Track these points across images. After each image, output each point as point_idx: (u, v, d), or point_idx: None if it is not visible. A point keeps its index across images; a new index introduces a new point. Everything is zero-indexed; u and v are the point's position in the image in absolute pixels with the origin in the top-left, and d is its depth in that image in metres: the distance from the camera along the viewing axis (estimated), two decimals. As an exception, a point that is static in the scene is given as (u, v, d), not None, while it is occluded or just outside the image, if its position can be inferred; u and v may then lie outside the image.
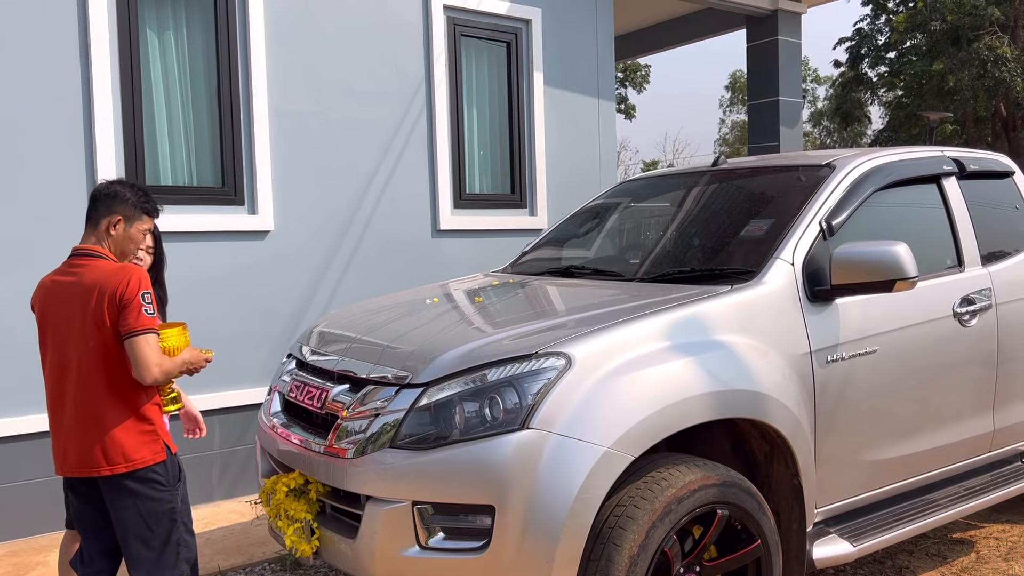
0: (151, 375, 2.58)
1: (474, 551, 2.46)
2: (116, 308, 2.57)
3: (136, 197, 2.78)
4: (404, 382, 2.67)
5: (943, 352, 3.43)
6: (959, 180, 3.76)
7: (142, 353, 2.57)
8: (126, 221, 2.76)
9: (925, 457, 3.42)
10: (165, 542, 2.67)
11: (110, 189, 2.76)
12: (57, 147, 4.43)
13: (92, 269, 2.65)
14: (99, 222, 2.73)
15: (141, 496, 2.63)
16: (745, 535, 2.78)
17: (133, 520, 2.63)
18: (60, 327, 2.65)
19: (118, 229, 2.75)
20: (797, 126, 8.41)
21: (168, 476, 2.69)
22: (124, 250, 2.79)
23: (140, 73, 4.74)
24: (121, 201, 2.75)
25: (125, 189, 2.77)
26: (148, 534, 2.64)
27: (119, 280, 2.59)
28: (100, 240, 2.73)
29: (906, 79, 23.18)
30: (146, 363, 2.57)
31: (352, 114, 5.49)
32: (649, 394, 2.60)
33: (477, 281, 4.08)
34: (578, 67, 6.67)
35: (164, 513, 2.67)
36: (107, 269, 2.65)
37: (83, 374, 2.60)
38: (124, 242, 2.78)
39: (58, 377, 2.66)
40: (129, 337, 2.57)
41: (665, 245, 3.77)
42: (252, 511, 4.71)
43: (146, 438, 2.65)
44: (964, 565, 3.85)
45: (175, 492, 2.71)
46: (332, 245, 5.43)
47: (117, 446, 2.59)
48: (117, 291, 2.57)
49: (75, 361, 2.61)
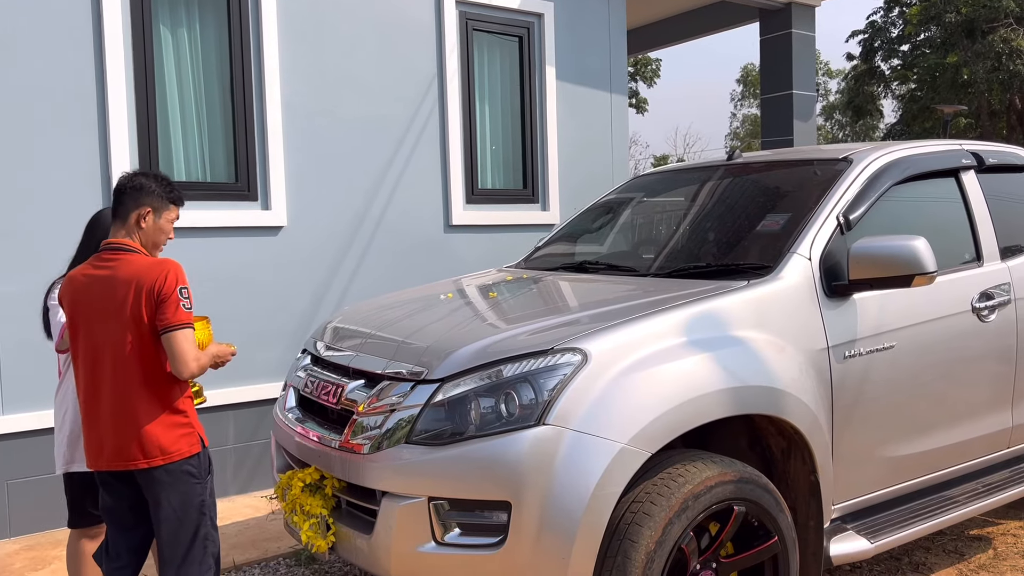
0: (189, 370, 2.59)
1: (490, 547, 2.45)
2: (154, 302, 2.56)
3: (162, 187, 2.77)
4: (419, 378, 2.67)
5: (961, 347, 3.40)
6: (978, 174, 3.72)
7: (180, 348, 2.57)
8: (155, 212, 2.74)
9: (943, 453, 3.39)
10: (194, 536, 2.67)
11: (135, 181, 2.74)
12: (72, 145, 4.45)
13: (126, 263, 2.63)
14: (128, 216, 2.71)
15: (175, 489, 2.64)
16: (762, 532, 2.76)
17: (166, 514, 2.64)
18: (94, 321, 2.63)
19: (148, 221, 2.73)
20: (811, 120, 8.35)
21: (200, 468, 2.70)
22: (155, 241, 2.78)
23: (154, 70, 4.75)
24: (148, 193, 2.73)
25: (150, 180, 2.75)
26: (179, 527, 2.65)
27: (157, 274, 2.59)
28: (131, 233, 2.72)
29: (920, 72, 23.02)
30: (184, 358, 2.57)
31: (364, 110, 5.49)
32: (665, 390, 2.58)
33: (491, 276, 4.07)
34: (590, 61, 6.65)
35: (195, 506, 2.67)
36: (144, 263, 2.64)
37: (119, 368, 2.59)
38: (155, 234, 2.76)
39: (91, 371, 2.64)
40: (167, 332, 2.56)
41: (680, 240, 3.75)
42: (267, 506, 4.72)
43: (182, 431, 2.66)
44: (982, 562, 3.82)
45: (205, 485, 2.72)
46: (345, 241, 5.43)
47: (153, 439, 2.59)
48: (155, 285, 2.57)
49: (110, 355, 2.60)
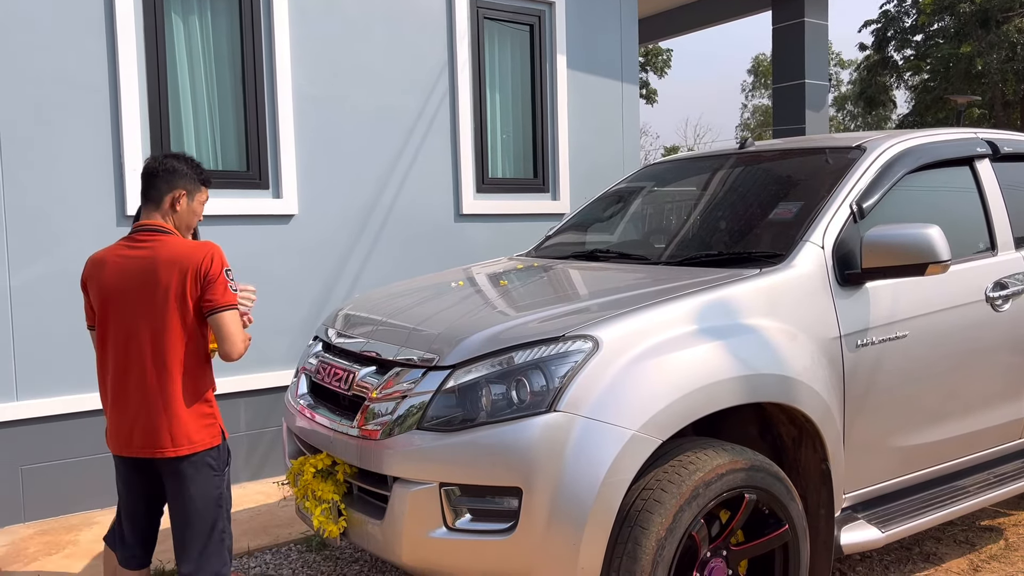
0: (237, 350, 2.61)
1: (501, 533, 2.46)
2: (200, 284, 2.57)
3: (194, 170, 2.78)
4: (431, 364, 2.68)
5: (975, 337, 3.38)
6: (993, 162, 3.69)
7: (229, 329, 2.59)
8: (189, 195, 2.75)
9: (955, 443, 3.38)
10: (212, 528, 2.66)
11: (168, 164, 2.73)
12: (84, 133, 4.46)
13: (165, 244, 2.62)
14: (162, 199, 2.71)
15: (196, 480, 2.63)
16: (773, 520, 2.76)
17: (185, 506, 2.63)
18: (130, 303, 2.59)
19: (182, 203, 2.74)
20: (823, 109, 8.30)
21: (220, 461, 2.70)
22: (188, 224, 2.79)
23: (166, 58, 4.75)
24: (181, 176, 2.73)
25: (182, 163, 2.76)
26: (197, 519, 2.64)
27: (202, 255, 2.59)
28: (165, 216, 2.72)
29: (933, 62, 22.86)
30: (234, 339, 2.60)
31: (375, 99, 5.48)
32: (677, 378, 2.58)
33: (501, 265, 4.07)
34: (601, 50, 6.62)
35: (212, 499, 2.66)
36: (186, 245, 2.64)
37: (157, 351, 2.57)
38: (188, 216, 2.77)
39: (124, 354, 2.61)
40: (216, 312, 2.58)
41: (691, 228, 3.74)
42: (278, 493, 4.75)
43: (207, 421, 2.66)
44: (993, 552, 3.81)
45: (223, 478, 2.71)
46: (356, 229, 5.44)
47: (183, 427, 2.59)
48: (201, 267, 2.57)
49: (148, 338, 2.57)
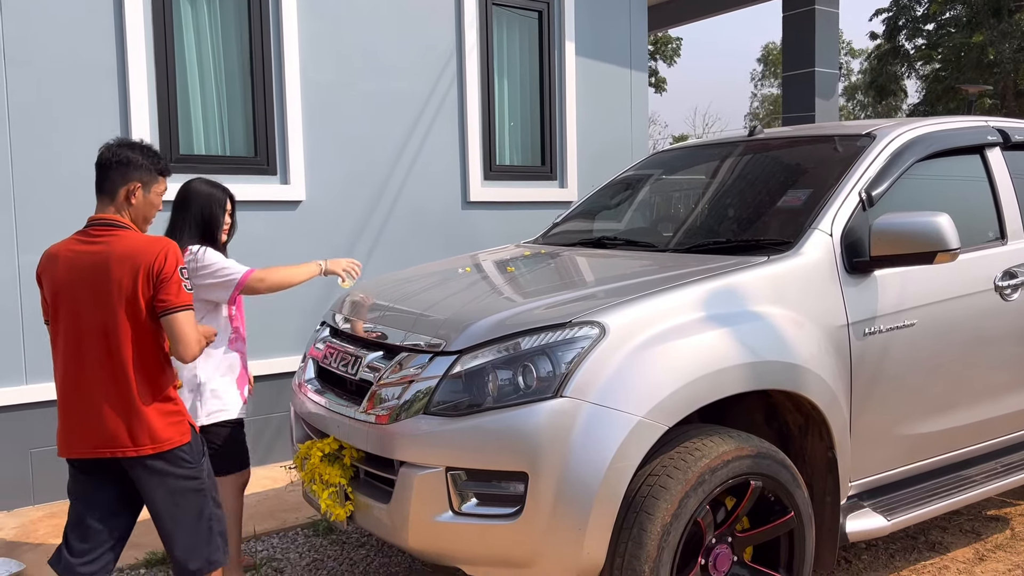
0: (191, 352, 2.51)
1: (507, 517, 2.47)
2: (152, 283, 2.46)
3: (149, 160, 2.63)
4: (437, 350, 2.68)
5: (983, 326, 3.37)
6: (1003, 151, 3.67)
7: (183, 330, 2.49)
8: (144, 187, 2.61)
9: (962, 432, 3.38)
10: (198, 518, 2.60)
11: (121, 155, 2.59)
12: (91, 118, 4.46)
13: (120, 239, 2.50)
14: (116, 191, 2.57)
15: (171, 476, 2.55)
16: (778, 507, 2.77)
17: (163, 500, 2.56)
18: (82, 300, 2.48)
19: (138, 196, 2.60)
20: (833, 98, 8.25)
21: (194, 454, 2.62)
22: (146, 216, 2.66)
23: (173, 44, 4.75)
24: (136, 167, 2.59)
25: (136, 153, 2.61)
26: (179, 512, 2.57)
27: (155, 253, 2.48)
28: (120, 210, 2.58)
29: (944, 51, 22.68)
30: (187, 340, 2.50)
31: (383, 85, 5.48)
32: (683, 364, 2.58)
33: (508, 252, 4.07)
34: (610, 37, 6.59)
35: (193, 490, 2.60)
36: (140, 241, 2.51)
37: (110, 350, 2.46)
38: (146, 208, 2.64)
39: (75, 351, 2.50)
40: (168, 313, 2.47)
41: (699, 216, 3.73)
42: (285, 477, 4.78)
43: (173, 419, 2.56)
44: (999, 542, 3.81)
45: (201, 468, 2.64)
46: (363, 215, 5.44)
47: (143, 426, 2.49)
48: (154, 265, 2.46)
49: (100, 336, 2.47)
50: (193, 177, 3.38)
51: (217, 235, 3.32)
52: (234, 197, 3.42)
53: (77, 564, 2.59)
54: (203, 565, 2.61)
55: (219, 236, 3.33)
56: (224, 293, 3.20)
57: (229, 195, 3.39)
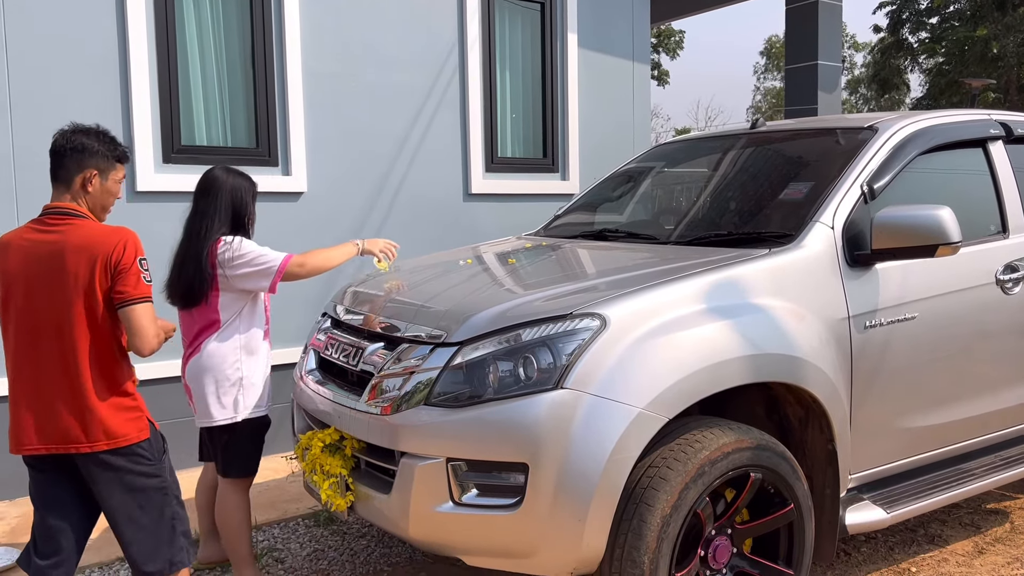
0: (150, 346, 2.42)
1: (507, 508, 2.48)
2: (110, 274, 2.37)
3: (106, 146, 2.53)
4: (438, 341, 2.68)
5: (984, 320, 3.37)
6: (1006, 144, 3.66)
7: (141, 323, 2.40)
8: (101, 174, 2.51)
9: (962, 426, 3.38)
10: (159, 517, 2.52)
11: (76, 141, 2.48)
12: (94, 109, 4.46)
13: (77, 229, 2.41)
14: (71, 179, 2.48)
15: (128, 473, 2.46)
16: (778, 499, 2.77)
17: (121, 500, 2.47)
18: (36, 291, 2.40)
19: (95, 184, 2.50)
20: (836, 91, 8.23)
21: (154, 451, 2.53)
22: (104, 204, 2.56)
23: (175, 34, 4.74)
24: (92, 154, 2.49)
25: (92, 139, 2.51)
26: (139, 512, 2.48)
27: (114, 243, 2.39)
28: (76, 198, 2.49)
29: (948, 45, 22.61)
30: (145, 333, 2.40)
31: (385, 76, 5.47)
32: (684, 356, 2.58)
33: (510, 244, 4.07)
34: (613, 29, 6.57)
35: (155, 489, 2.51)
36: (97, 231, 2.42)
37: (65, 343, 2.39)
38: (103, 197, 2.54)
39: (28, 343, 2.42)
40: (126, 305, 2.39)
41: (701, 208, 3.73)
42: (286, 468, 4.79)
43: (131, 415, 2.48)
44: (998, 535, 3.82)
45: (162, 466, 2.55)
46: (364, 207, 5.44)
47: (98, 422, 2.40)
48: (112, 255, 2.37)
49: (54, 328, 2.39)
50: (212, 166, 3.30)
51: (247, 224, 3.25)
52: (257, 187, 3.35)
53: (44, 566, 2.53)
54: (164, 566, 2.53)
55: (248, 226, 3.26)
56: (264, 281, 3.12)
57: (254, 185, 3.33)
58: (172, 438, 3.00)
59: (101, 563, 3.60)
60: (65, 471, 2.51)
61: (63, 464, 2.49)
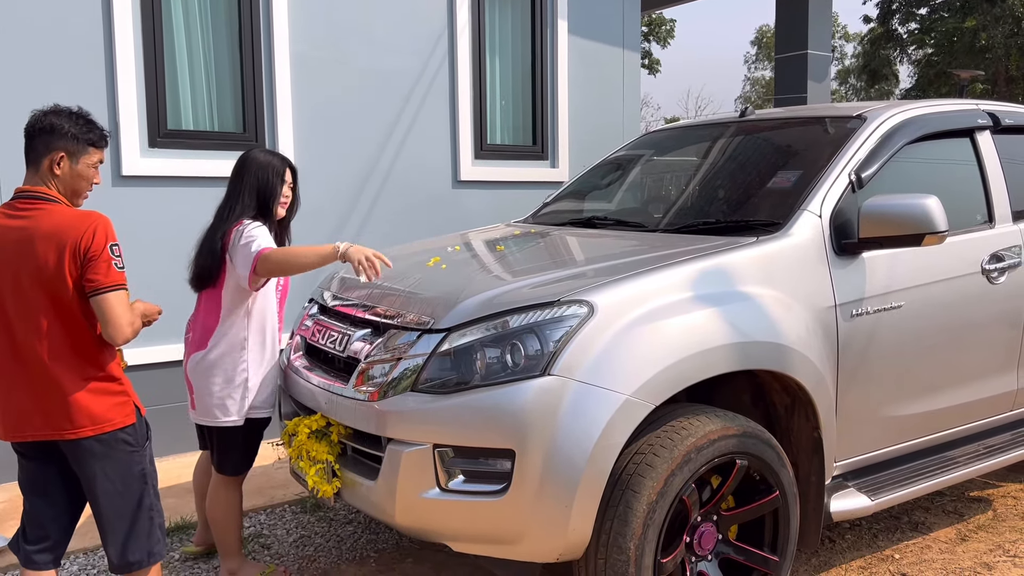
0: (123, 335, 2.36)
1: (494, 494, 2.48)
2: (80, 261, 2.31)
3: (77, 128, 2.44)
4: (426, 327, 2.68)
5: (970, 309, 3.38)
6: (993, 134, 3.67)
7: (113, 312, 2.33)
8: (70, 157, 2.43)
9: (947, 414, 3.40)
10: (138, 507, 2.48)
11: (46, 122, 2.41)
12: (79, 95, 4.41)
13: (47, 214, 2.35)
14: (39, 161, 2.40)
15: (111, 459, 2.43)
16: (763, 486, 2.79)
17: (103, 486, 2.44)
18: (4, 277, 2.35)
19: (63, 167, 2.42)
20: (825, 81, 8.24)
21: (138, 437, 2.50)
22: (75, 189, 2.48)
23: (162, 17, 4.69)
24: (60, 135, 2.40)
25: (63, 120, 2.42)
26: (119, 500, 2.46)
27: (83, 229, 2.32)
28: (45, 181, 2.41)
29: (937, 36, 22.67)
30: (118, 322, 2.34)
31: (374, 62, 5.43)
32: (671, 344, 2.59)
33: (498, 231, 4.06)
34: (603, 17, 6.55)
35: (135, 476, 2.48)
36: (66, 216, 2.35)
37: (38, 331, 2.34)
38: (73, 181, 2.45)
39: (4, 332, 2.37)
40: (98, 294, 2.32)
41: (689, 196, 3.73)
42: (273, 454, 4.77)
43: (115, 399, 2.44)
44: (981, 523, 3.85)
45: (144, 453, 2.53)
46: (352, 193, 5.42)
47: (82, 407, 2.37)
48: (81, 242, 2.30)
49: (26, 316, 2.34)
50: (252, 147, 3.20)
51: (273, 207, 3.13)
52: (295, 169, 3.24)
53: (32, 551, 2.54)
54: (143, 557, 2.51)
55: (275, 208, 3.14)
56: (243, 271, 2.97)
57: (289, 165, 3.19)
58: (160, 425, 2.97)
59: (86, 548, 3.59)
60: (52, 457, 2.49)
61: (50, 451, 2.47)
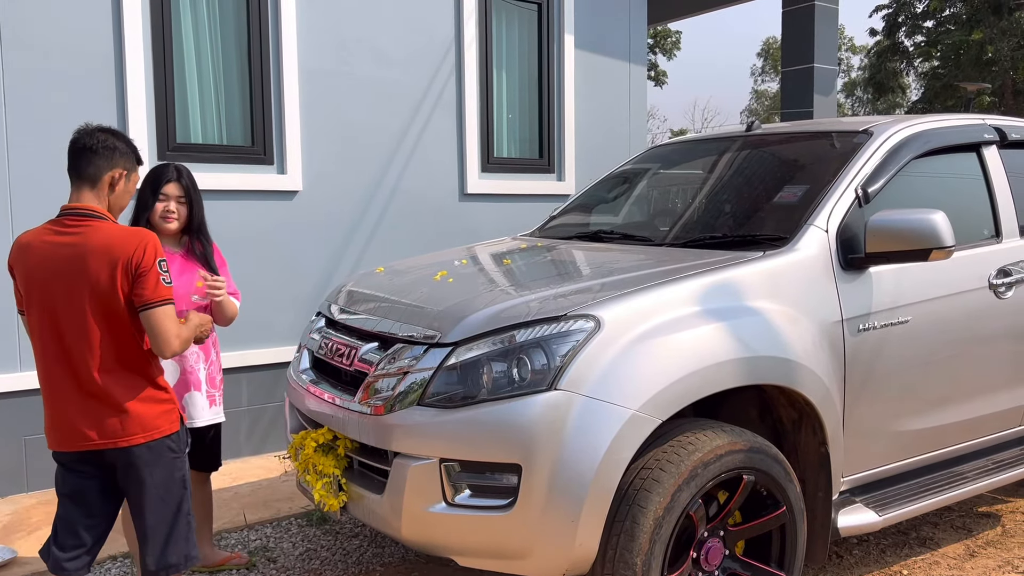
0: (171, 348, 2.45)
1: (500, 509, 2.48)
2: (130, 277, 2.39)
3: (129, 148, 2.59)
4: (432, 341, 2.68)
5: (977, 324, 3.38)
6: (1000, 149, 3.67)
7: (162, 326, 2.42)
8: (127, 175, 2.57)
9: (954, 429, 3.39)
10: (177, 511, 2.56)
11: (107, 141, 2.52)
12: (89, 107, 4.45)
13: (97, 231, 2.43)
14: (100, 178, 2.50)
15: (158, 465, 2.51)
16: (770, 501, 2.78)
17: (149, 492, 2.51)
18: (57, 293, 2.42)
19: (121, 184, 2.54)
20: (832, 94, 8.24)
21: (180, 445, 2.59)
22: (122, 205, 2.60)
23: (171, 31, 4.73)
24: (121, 154, 2.54)
25: (119, 140, 2.56)
26: (162, 505, 2.53)
27: (134, 246, 2.40)
28: (99, 198, 2.51)
29: (943, 49, 22.68)
30: (166, 336, 2.42)
31: (381, 75, 5.46)
32: (678, 358, 2.59)
33: (505, 244, 4.07)
34: (610, 31, 6.58)
35: (177, 481, 2.56)
36: (117, 232, 2.44)
37: (90, 344, 2.41)
38: (124, 197, 2.59)
39: (55, 344, 2.45)
40: (147, 309, 2.41)
41: (696, 210, 3.74)
42: (279, 467, 4.78)
43: (164, 407, 2.53)
44: (989, 539, 3.83)
45: (184, 459, 2.61)
46: (360, 206, 5.44)
47: (134, 416, 2.45)
48: (133, 258, 2.39)
49: (79, 330, 2.41)
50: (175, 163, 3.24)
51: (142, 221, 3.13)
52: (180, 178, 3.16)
53: (64, 559, 2.57)
54: (180, 560, 2.57)
55: (150, 222, 3.14)
56: None
57: (168, 177, 3.14)
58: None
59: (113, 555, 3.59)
60: (92, 465, 2.53)
61: (94, 461, 2.52)
